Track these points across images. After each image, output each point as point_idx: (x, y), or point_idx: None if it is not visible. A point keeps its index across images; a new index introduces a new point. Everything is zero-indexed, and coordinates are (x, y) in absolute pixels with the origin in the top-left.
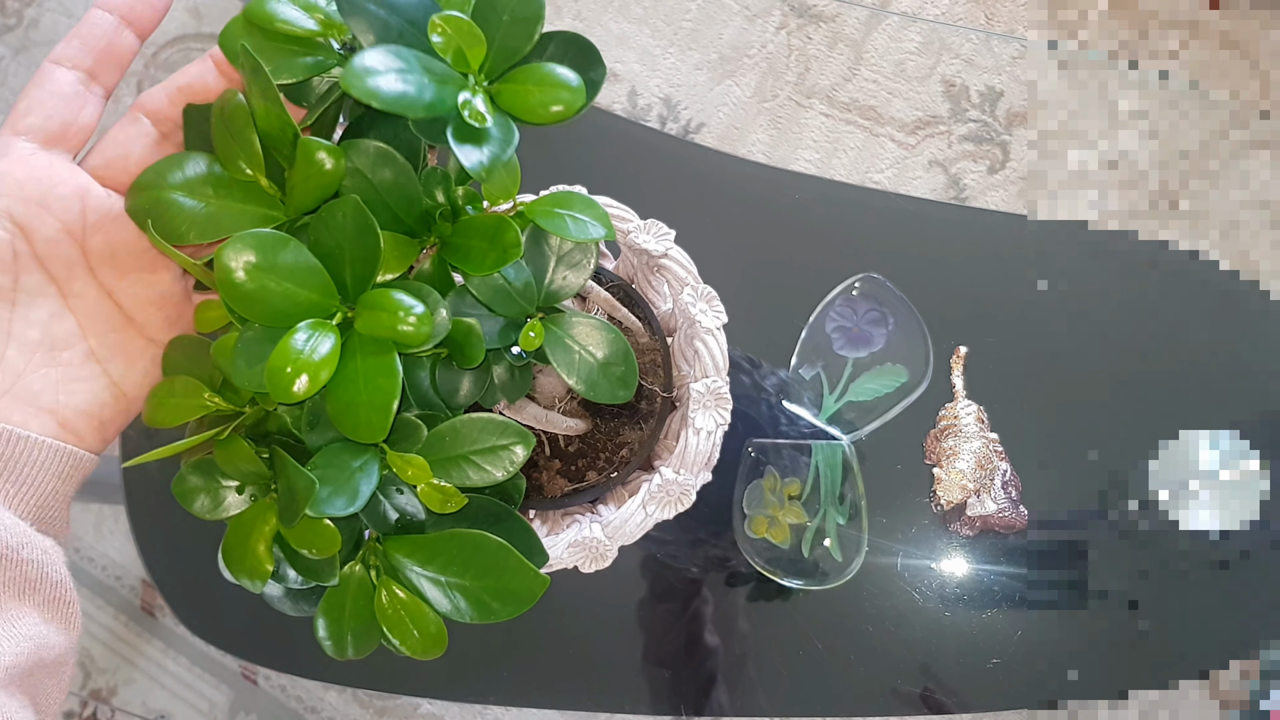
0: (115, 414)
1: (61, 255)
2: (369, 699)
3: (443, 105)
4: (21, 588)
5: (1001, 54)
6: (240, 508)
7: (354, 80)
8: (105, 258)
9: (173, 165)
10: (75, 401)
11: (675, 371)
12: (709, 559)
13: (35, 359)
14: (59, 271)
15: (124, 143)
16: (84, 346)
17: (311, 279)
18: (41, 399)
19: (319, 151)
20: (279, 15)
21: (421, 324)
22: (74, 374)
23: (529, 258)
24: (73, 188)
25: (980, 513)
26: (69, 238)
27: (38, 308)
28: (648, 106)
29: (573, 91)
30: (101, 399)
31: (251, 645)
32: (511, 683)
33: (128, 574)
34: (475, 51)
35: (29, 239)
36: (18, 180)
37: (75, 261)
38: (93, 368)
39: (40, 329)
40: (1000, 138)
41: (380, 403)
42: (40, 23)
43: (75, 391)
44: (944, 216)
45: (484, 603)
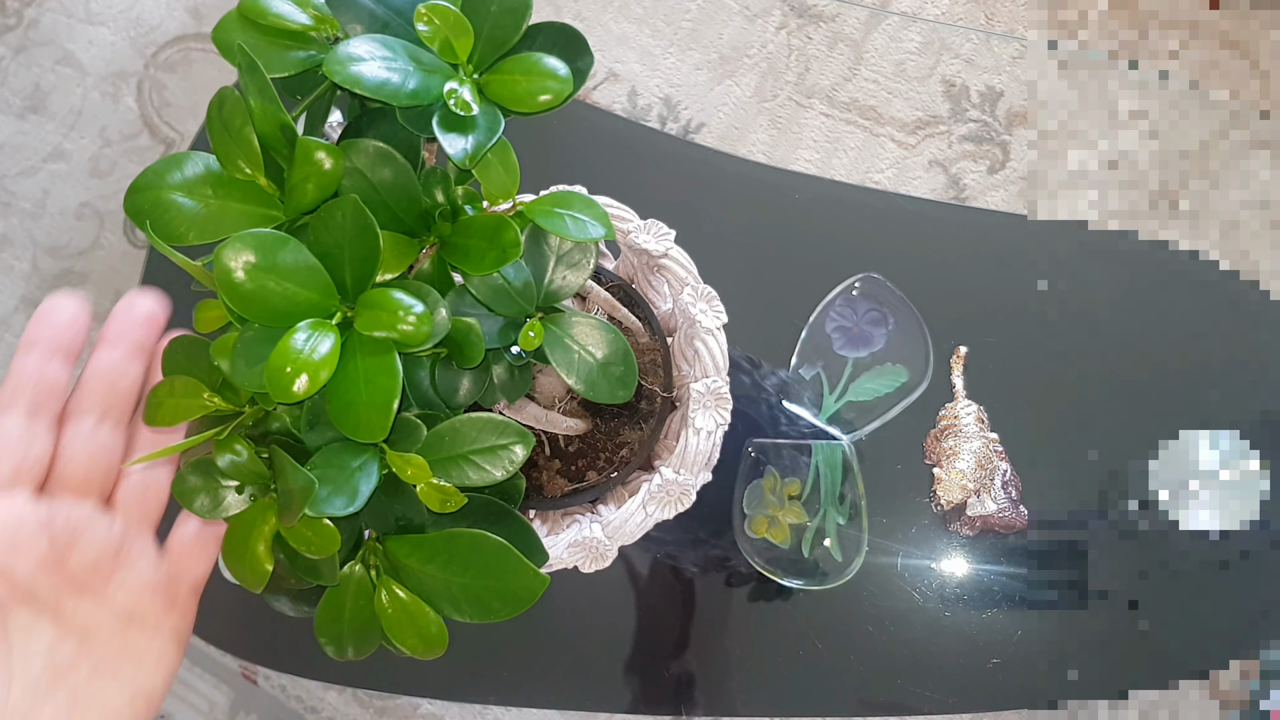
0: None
1: (43, 586)
2: (369, 699)
3: (427, 94)
4: None
5: (1001, 54)
6: (240, 507)
7: (337, 67)
8: (87, 571)
9: (171, 165)
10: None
11: (675, 371)
12: (709, 559)
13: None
14: (46, 602)
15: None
16: (89, 662)
17: (311, 279)
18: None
19: (318, 151)
20: (271, 10)
21: (421, 323)
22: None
23: (528, 257)
24: (33, 524)
25: (980, 513)
26: (45, 570)
27: (35, 640)
28: (648, 106)
29: (560, 81)
30: (117, 708)
31: (251, 645)
32: (511, 683)
33: None
34: (463, 42)
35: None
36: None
37: (59, 587)
38: (103, 681)
39: (42, 660)
40: (1000, 138)
41: (380, 402)
42: (40, 23)
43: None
44: (944, 216)
45: (484, 602)
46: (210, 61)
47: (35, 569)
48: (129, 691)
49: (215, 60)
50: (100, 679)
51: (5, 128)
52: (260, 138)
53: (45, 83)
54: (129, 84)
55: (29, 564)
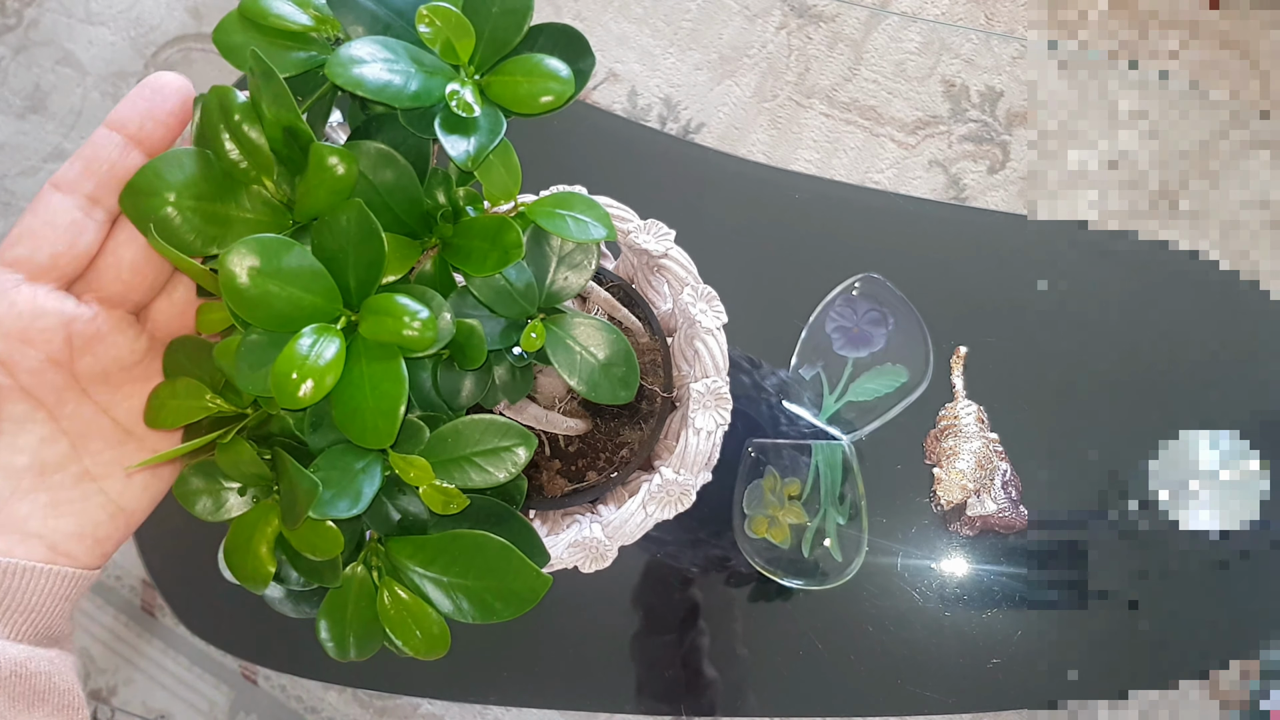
0: (113, 530)
1: (48, 383)
2: (369, 699)
3: (429, 96)
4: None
5: (1001, 54)
6: (242, 509)
7: (339, 69)
8: (97, 377)
9: (173, 168)
10: (65, 524)
11: (675, 371)
12: (709, 559)
13: (23, 484)
14: (47, 397)
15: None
16: (77, 467)
17: (315, 283)
18: (29, 524)
19: (330, 157)
20: (272, 10)
21: (426, 329)
22: (66, 496)
23: (530, 258)
24: (55, 319)
25: (980, 513)
26: (54, 366)
27: (26, 434)
28: (648, 106)
29: (562, 82)
30: (97, 519)
31: (251, 645)
32: (511, 683)
33: (128, 574)
34: (464, 43)
35: (11, 373)
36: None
37: (64, 386)
38: (87, 488)
39: (29, 454)
40: (1000, 138)
41: (386, 408)
42: (40, 23)
43: (65, 514)
44: (944, 216)
45: (486, 603)
46: (210, 62)
47: (44, 364)
48: (111, 506)
49: (215, 60)
50: (85, 487)
51: (5, 128)
52: (270, 142)
53: (45, 83)
54: (129, 84)
55: (38, 358)
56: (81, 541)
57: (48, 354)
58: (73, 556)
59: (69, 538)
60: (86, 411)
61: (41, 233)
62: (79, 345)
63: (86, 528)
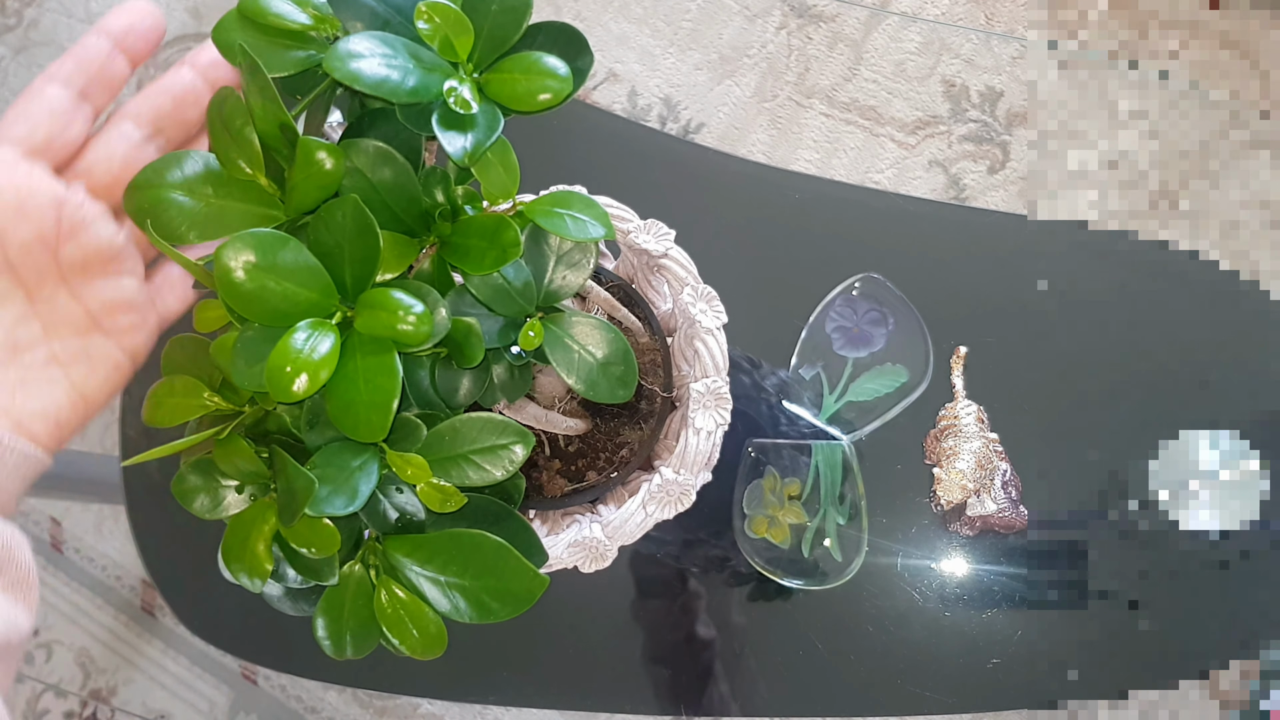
0: (73, 417)
1: (33, 262)
2: (369, 699)
3: (427, 92)
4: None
5: (1001, 54)
6: (240, 507)
7: (337, 63)
8: (77, 265)
9: (171, 164)
10: (32, 404)
11: (675, 371)
12: (709, 559)
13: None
14: (29, 277)
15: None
16: (46, 350)
17: (311, 278)
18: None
19: (319, 151)
20: (271, 9)
21: (421, 323)
22: (33, 376)
23: (528, 257)
24: (49, 198)
25: (980, 513)
26: (42, 246)
27: (3, 311)
28: (648, 106)
29: (560, 80)
30: (59, 403)
31: (251, 645)
32: (511, 683)
33: (128, 574)
34: (463, 40)
35: (2, 245)
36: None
37: (46, 268)
38: (54, 371)
39: (4, 331)
40: (1000, 138)
41: (380, 402)
42: (40, 23)
43: (33, 394)
44: (944, 216)
45: (483, 602)
46: None
47: (31, 243)
48: (74, 393)
49: None
50: (52, 370)
51: None
52: (261, 137)
53: None
54: (129, 84)
55: (27, 236)
56: (45, 423)
57: (38, 232)
58: (34, 436)
59: (34, 417)
60: (61, 297)
61: (38, 116)
62: (66, 229)
63: (50, 410)
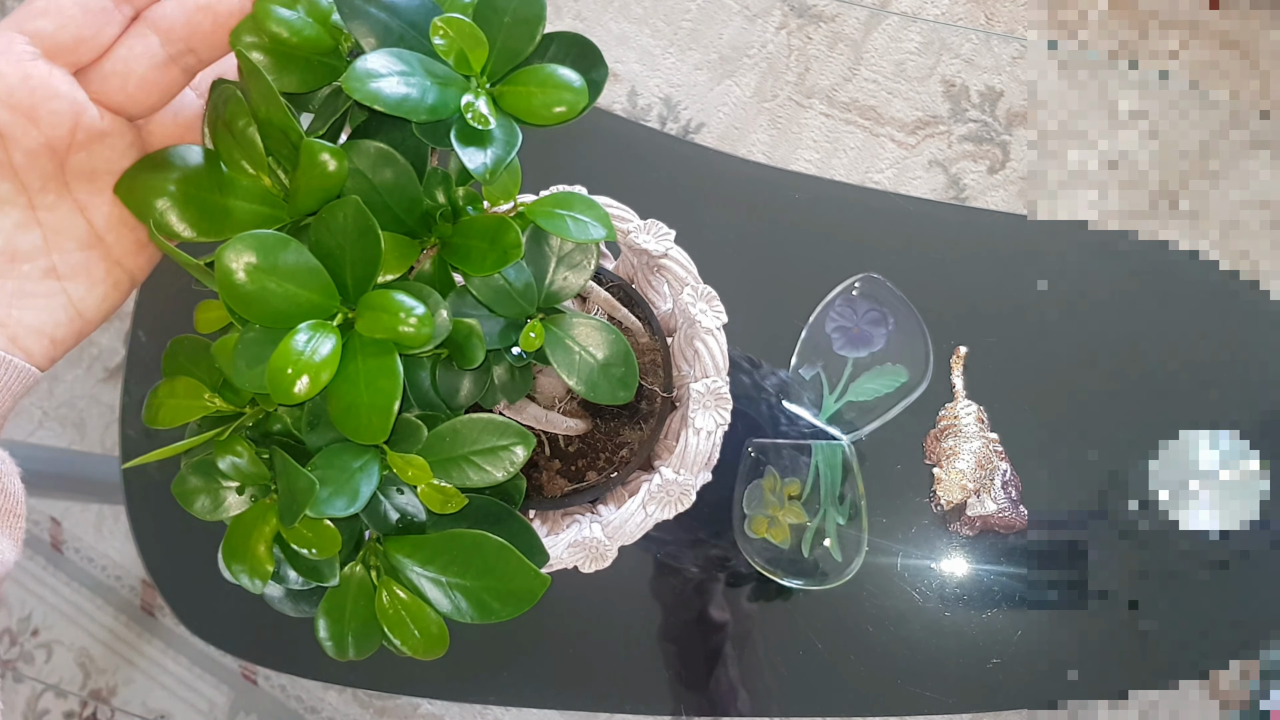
0: (68, 334)
1: (38, 168)
2: (369, 699)
3: (445, 108)
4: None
5: (1001, 54)
6: (240, 508)
7: (356, 84)
8: (84, 175)
9: (175, 160)
10: (27, 317)
11: (675, 371)
12: (709, 559)
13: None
14: (33, 183)
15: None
16: (46, 262)
17: (312, 280)
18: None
19: (322, 153)
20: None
21: (422, 325)
22: (31, 289)
23: (529, 258)
24: (67, 104)
25: (980, 513)
26: (50, 153)
27: (3, 216)
28: (648, 106)
29: (575, 93)
30: (56, 318)
31: (251, 645)
32: (511, 683)
33: (128, 574)
34: (477, 54)
35: (7, 148)
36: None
37: (52, 176)
38: (51, 285)
39: (3, 237)
40: (1000, 138)
41: (381, 404)
42: None
43: (29, 307)
44: (944, 216)
45: (485, 603)
46: None
47: (41, 148)
48: (71, 309)
49: None
50: (50, 284)
51: None
52: (264, 138)
53: None
54: None
55: (35, 142)
56: (39, 339)
57: (49, 138)
58: (27, 351)
59: (29, 331)
60: (64, 207)
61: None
62: (79, 139)
63: (46, 325)
